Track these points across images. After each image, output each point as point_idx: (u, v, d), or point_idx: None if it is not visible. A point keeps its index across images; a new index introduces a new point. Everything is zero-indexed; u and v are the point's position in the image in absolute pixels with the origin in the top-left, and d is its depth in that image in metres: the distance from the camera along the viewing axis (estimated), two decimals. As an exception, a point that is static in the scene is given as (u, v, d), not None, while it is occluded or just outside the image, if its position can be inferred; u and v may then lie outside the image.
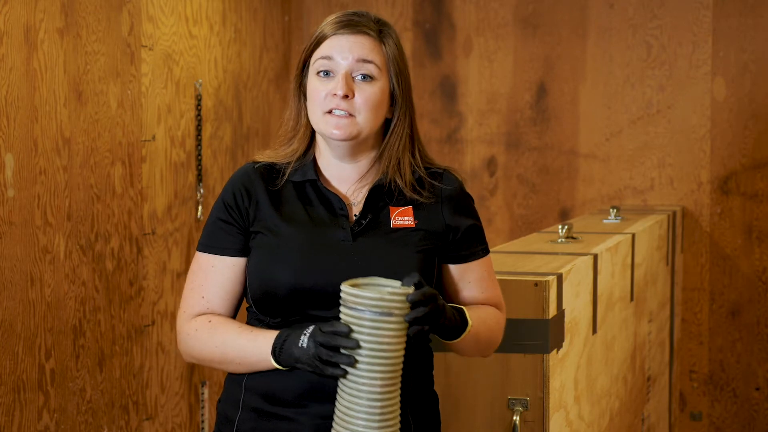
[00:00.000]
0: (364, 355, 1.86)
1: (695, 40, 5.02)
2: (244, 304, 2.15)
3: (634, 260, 3.84)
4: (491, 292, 2.16)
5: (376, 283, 1.95)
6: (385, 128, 2.12)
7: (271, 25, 5.07)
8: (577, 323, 2.96)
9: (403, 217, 2.08)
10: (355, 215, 2.08)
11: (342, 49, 2.05)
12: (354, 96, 2.04)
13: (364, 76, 2.05)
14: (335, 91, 2.03)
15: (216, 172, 4.51)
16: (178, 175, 4.22)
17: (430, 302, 1.89)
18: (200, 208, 4.35)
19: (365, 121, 2.05)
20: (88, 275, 3.65)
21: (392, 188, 2.09)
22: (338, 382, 1.91)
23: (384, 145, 2.11)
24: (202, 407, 4.39)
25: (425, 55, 5.30)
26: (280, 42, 5.17)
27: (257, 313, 2.07)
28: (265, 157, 2.14)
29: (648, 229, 4.15)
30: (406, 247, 2.05)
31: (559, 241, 3.47)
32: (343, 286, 1.88)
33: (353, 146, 2.08)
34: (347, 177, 2.11)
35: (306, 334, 1.92)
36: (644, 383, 4.14)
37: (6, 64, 3.24)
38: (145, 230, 3.98)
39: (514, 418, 2.63)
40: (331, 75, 2.06)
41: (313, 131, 2.13)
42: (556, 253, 3.18)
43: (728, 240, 5.00)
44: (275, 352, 1.97)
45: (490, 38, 5.23)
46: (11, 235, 3.26)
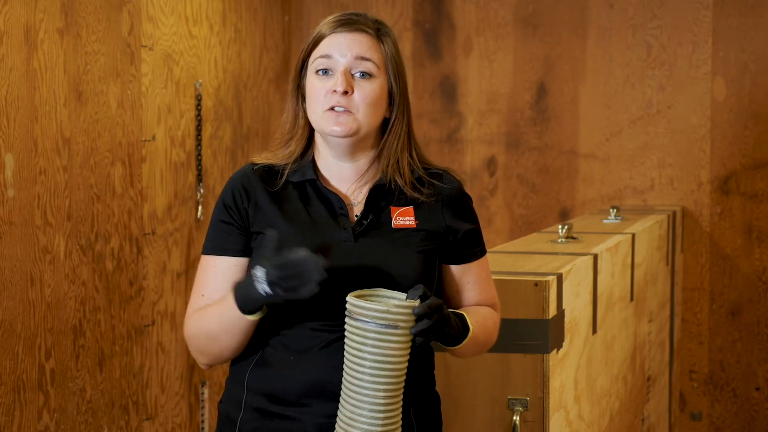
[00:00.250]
0: (368, 367, 1.87)
1: (695, 40, 5.02)
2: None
3: (634, 260, 3.84)
4: (488, 293, 2.18)
5: (381, 295, 1.96)
6: (383, 128, 2.12)
7: (271, 25, 5.07)
8: (577, 323, 2.96)
9: (404, 218, 2.09)
10: (356, 215, 2.08)
11: (340, 47, 2.06)
12: (353, 93, 2.04)
13: (363, 74, 2.06)
14: (335, 87, 2.04)
15: (216, 172, 4.51)
16: (178, 175, 4.22)
17: (435, 313, 1.90)
18: (200, 208, 4.35)
19: (364, 118, 2.05)
20: (88, 275, 3.65)
21: (392, 188, 2.10)
22: (341, 390, 1.91)
23: (383, 144, 2.11)
24: (202, 407, 4.39)
25: (425, 55, 5.30)
26: (280, 42, 5.17)
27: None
28: (263, 159, 2.14)
29: (648, 229, 4.15)
30: (408, 248, 2.05)
31: (559, 241, 3.47)
32: (349, 298, 1.89)
33: (352, 144, 2.08)
34: (347, 177, 2.12)
35: (259, 278, 1.91)
36: (644, 383, 4.14)
37: (6, 64, 3.24)
38: (145, 230, 3.98)
39: (514, 418, 2.63)
40: (330, 73, 2.06)
41: (311, 132, 2.13)
42: (556, 253, 3.18)
43: (728, 240, 5.00)
44: (241, 305, 1.97)
45: (490, 38, 5.23)
46: (11, 235, 3.27)
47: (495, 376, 2.66)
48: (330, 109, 2.05)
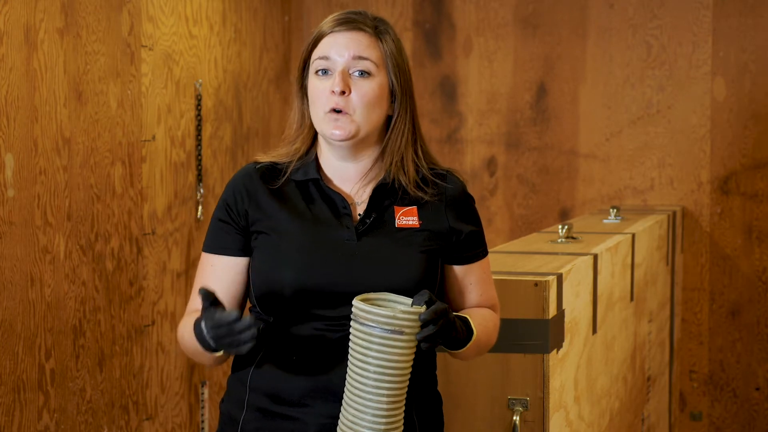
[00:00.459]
0: (372, 371, 1.87)
1: (695, 40, 5.02)
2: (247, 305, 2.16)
3: (634, 260, 3.84)
4: (489, 294, 2.18)
5: (386, 299, 1.96)
6: (387, 126, 2.12)
7: (271, 25, 5.07)
8: (577, 323, 2.96)
9: (407, 217, 2.08)
10: (359, 214, 2.08)
11: (338, 47, 2.06)
12: (351, 93, 2.04)
13: (361, 73, 2.06)
14: (332, 88, 2.04)
15: (216, 172, 4.51)
16: (178, 175, 4.22)
17: (441, 319, 1.90)
18: (200, 208, 4.35)
19: (362, 119, 2.05)
20: (88, 275, 3.65)
21: (396, 186, 2.10)
22: (344, 394, 1.92)
23: (386, 142, 2.11)
24: (202, 407, 4.39)
25: (425, 55, 5.30)
26: (280, 42, 5.17)
27: (260, 313, 2.08)
28: (267, 157, 2.14)
29: (648, 229, 4.15)
30: (411, 247, 2.05)
31: (559, 241, 3.47)
32: (355, 302, 1.89)
33: (354, 146, 2.08)
34: (350, 176, 2.11)
35: (204, 332, 1.91)
36: (644, 383, 4.14)
37: (6, 64, 3.24)
38: (145, 230, 3.98)
39: (514, 418, 2.63)
40: (330, 73, 2.06)
41: (316, 131, 2.13)
42: (556, 253, 3.18)
43: (728, 240, 5.00)
44: (203, 346, 1.96)
45: (490, 38, 5.23)
46: (11, 235, 3.26)
47: (495, 376, 2.66)
48: (331, 111, 2.05)
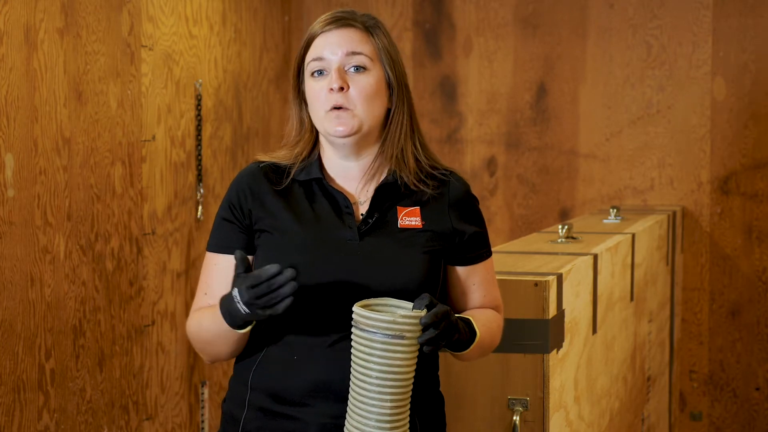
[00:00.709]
0: (375, 377, 1.87)
1: (695, 40, 5.02)
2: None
3: (634, 260, 3.84)
4: (492, 295, 2.18)
5: (387, 304, 1.95)
6: (386, 122, 2.13)
7: (271, 25, 5.07)
8: (577, 323, 2.96)
9: (410, 218, 2.09)
10: (362, 214, 2.08)
11: (331, 45, 2.07)
12: (349, 88, 2.05)
13: (357, 68, 2.06)
14: (330, 85, 2.05)
15: (216, 172, 4.51)
16: (178, 175, 4.22)
17: (442, 321, 1.90)
18: (200, 208, 4.35)
19: (364, 112, 2.06)
20: (88, 275, 3.65)
21: (399, 185, 2.10)
22: (348, 400, 1.92)
23: (385, 135, 2.11)
24: (202, 407, 4.39)
25: (425, 55, 5.30)
26: (280, 42, 5.17)
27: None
28: (269, 157, 2.15)
29: (648, 229, 4.15)
30: (413, 248, 2.05)
31: (559, 241, 3.47)
32: (355, 308, 1.89)
33: (357, 142, 2.08)
34: (352, 176, 2.12)
35: (237, 299, 1.92)
36: (644, 383, 4.14)
37: (6, 64, 3.24)
38: (145, 230, 3.98)
39: (514, 418, 2.63)
40: (325, 73, 2.07)
41: (317, 134, 2.14)
42: (556, 253, 3.18)
43: (728, 240, 5.00)
44: (229, 322, 1.98)
45: (490, 38, 5.23)
46: (11, 235, 3.26)
47: (495, 376, 2.66)
48: (331, 110, 2.05)
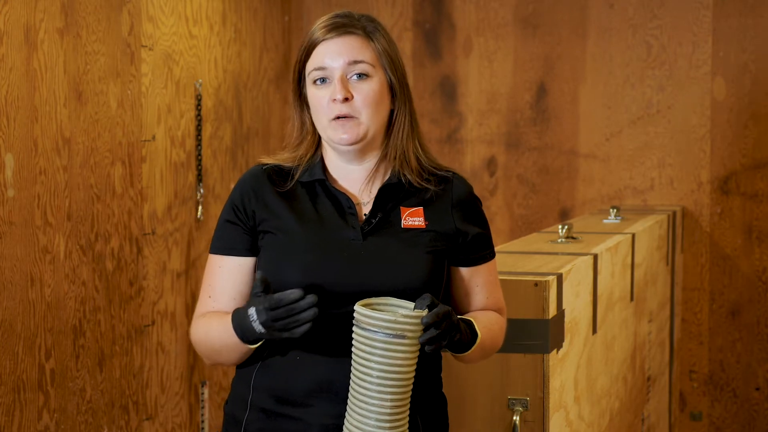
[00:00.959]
0: (375, 376, 1.87)
1: (695, 40, 5.02)
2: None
3: (634, 260, 3.84)
4: (495, 297, 2.18)
5: (388, 303, 1.96)
6: (388, 123, 2.13)
7: (271, 25, 5.07)
8: (577, 323, 2.96)
9: (413, 218, 2.09)
10: (365, 214, 2.09)
11: (332, 54, 2.07)
12: (353, 97, 2.05)
13: (359, 75, 2.07)
14: (334, 96, 2.05)
15: (216, 172, 4.51)
16: (178, 175, 4.22)
17: (443, 321, 1.90)
18: (200, 208, 4.35)
19: (369, 119, 2.06)
20: (88, 275, 3.65)
21: (402, 184, 2.10)
22: (348, 399, 1.92)
23: (389, 137, 2.12)
24: (202, 407, 4.39)
25: (425, 55, 5.30)
26: (280, 42, 5.17)
27: None
28: (272, 159, 2.15)
29: (648, 229, 4.15)
30: (417, 248, 2.05)
31: (559, 241, 3.47)
32: (356, 307, 1.89)
33: (361, 148, 2.09)
34: (355, 178, 2.12)
35: (253, 318, 1.93)
36: (644, 383, 4.14)
37: (6, 64, 3.24)
38: (145, 230, 3.98)
39: (514, 418, 2.63)
40: (328, 81, 2.07)
41: (319, 135, 2.14)
42: (556, 253, 3.18)
43: (728, 240, 5.00)
44: (241, 337, 1.98)
45: (490, 38, 5.23)
46: (11, 235, 3.26)
47: (495, 376, 2.66)
48: (335, 119, 2.05)
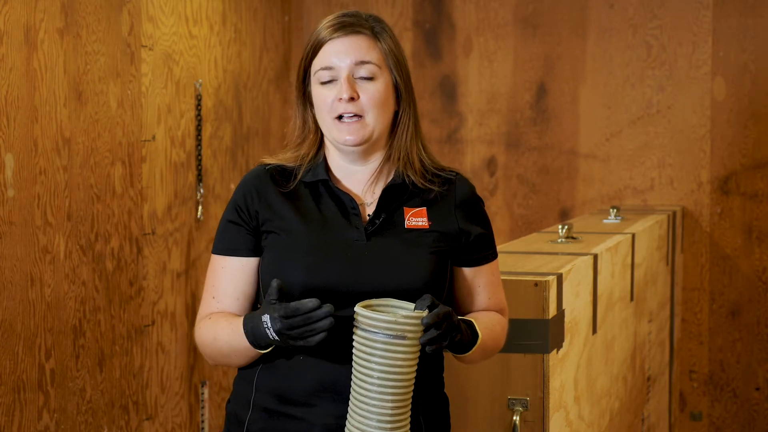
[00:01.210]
0: (376, 377, 1.87)
1: (695, 40, 5.02)
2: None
3: (634, 260, 3.84)
4: (497, 297, 2.18)
5: (389, 305, 1.96)
6: (392, 123, 2.13)
7: (271, 25, 5.07)
8: (577, 323, 2.96)
9: (417, 218, 2.09)
10: (368, 215, 2.09)
11: (339, 54, 2.07)
12: (359, 97, 2.05)
13: (366, 76, 2.07)
14: (340, 95, 2.05)
15: (216, 172, 4.51)
16: (178, 175, 4.22)
17: (444, 322, 1.90)
18: (200, 208, 4.35)
19: (374, 120, 2.07)
20: (88, 275, 3.65)
21: (406, 185, 2.10)
22: (350, 400, 1.92)
23: (393, 138, 2.12)
24: (202, 407, 4.39)
25: (425, 55, 5.30)
26: (280, 42, 5.17)
27: None
28: (274, 159, 2.15)
29: (648, 229, 4.15)
30: (420, 248, 2.05)
31: (559, 241, 3.47)
32: (357, 308, 1.90)
33: (365, 149, 2.10)
34: (359, 178, 2.12)
35: (267, 325, 1.93)
36: (644, 383, 4.14)
37: (6, 64, 3.24)
38: (145, 230, 3.98)
39: (514, 418, 2.63)
40: (334, 81, 2.07)
41: (322, 135, 2.14)
42: (556, 253, 3.18)
43: (728, 240, 5.00)
44: (252, 343, 1.98)
45: (490, 38, 5.23)
46: (11, 235, 3.26)
47: (495, 376, 2.66)
48: (339, 118, 2.06)
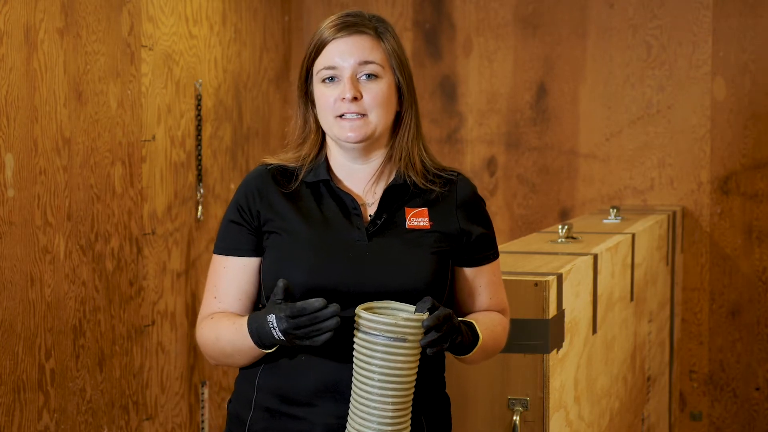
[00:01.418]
0: (377, 380, 1.87)
1: (695, 40, 5.02)
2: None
3: (634, 260, 3.84)
4: (499, 297, 2.18)
5: (389, 307, 1.96)
6: (394, 123, 2.13)
7: (271, 25, 5.07)
8: (577, 323, 2.96)
9: (418, 219, 2.09)
10: (370, 215, 2.09)
11: (343, 54, 2.07)
12: (362, 97, 2.05)
13: (369, 75, 2.07)
14: (343, 95, 2.05)
15: (216, 172, 4.51)
16: (178, 175, 4.22)
17: (444, 324, 1.91)
18: (200, 208, 4.35)
19: (377, 119, 2.07)
20: (88, 275, 3.65)
21: (407, 185, 2.11)
22: (350, 402, 1.92)
23: (395, 138, 2.12)
24: (202, 407, 4.39)
25: (425, 55, 5.30)
26: (280, 42, 5.17)
27: None
28: (276, 159, 2.15)
29: (648, 229, 4.15)
30: (421, 248, 2.06)
31: (559, 241, 3.47)
32: (357, 311, 1.90)
33: (366, 147, 2.09)
34: (360, 178, 2.12)
35: (272, 325, 1.93)
36: (644, 383, 4.14)
37: (6, 64, 3.24)
38: (145, 230, 3.98)
39: (514, 418, 2.63)
40: (337, 80, 2.07)
41: (324, 135, 2.14)
42: (556, 253, 3.18)
43: (728, 240, 5.00)
44: (257, 342, 1.98)
45: (490, 38, 5.23)
46: (11, 235, 3.26)
47: (495, 376, 2.66)
48: (341, 117, 2.06)
